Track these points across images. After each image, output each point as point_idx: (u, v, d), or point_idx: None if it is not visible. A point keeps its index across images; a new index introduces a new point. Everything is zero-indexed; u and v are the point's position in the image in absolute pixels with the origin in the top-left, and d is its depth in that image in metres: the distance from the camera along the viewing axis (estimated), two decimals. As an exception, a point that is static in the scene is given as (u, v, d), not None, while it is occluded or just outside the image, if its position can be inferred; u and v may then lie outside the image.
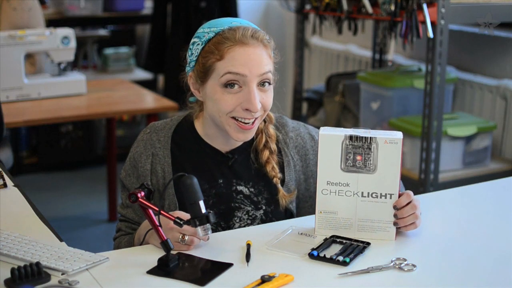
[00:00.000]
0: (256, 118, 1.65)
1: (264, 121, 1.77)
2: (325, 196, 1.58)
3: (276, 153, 1.76)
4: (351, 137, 1.55)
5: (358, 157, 1.55)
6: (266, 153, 1.74)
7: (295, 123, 1.84)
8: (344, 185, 1.57)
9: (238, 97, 1.61)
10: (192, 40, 1.68)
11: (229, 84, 1.61)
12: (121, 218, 1.79)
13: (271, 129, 1.78)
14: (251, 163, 1.75)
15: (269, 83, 1.65)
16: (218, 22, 1.67)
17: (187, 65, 1.71)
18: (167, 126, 1.77)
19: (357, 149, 1.55)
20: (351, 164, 1.55)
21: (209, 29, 1.65)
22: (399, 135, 1.55)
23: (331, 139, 1.55)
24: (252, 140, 1.75)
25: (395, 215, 1.56)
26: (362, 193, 1.56)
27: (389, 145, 1.54)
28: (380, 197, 1.56)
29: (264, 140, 1.75)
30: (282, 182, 1.76)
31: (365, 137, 1.54)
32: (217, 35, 1.63)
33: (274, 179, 1.74)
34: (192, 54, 1.68)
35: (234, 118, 1.63)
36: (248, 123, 1.64)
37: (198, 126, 1.76)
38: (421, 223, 1.59)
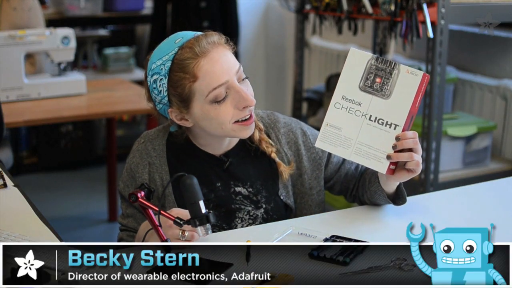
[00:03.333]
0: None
1: None
2: (337, 110, 1.60)
3: (264, 130, 1.78)
4: (377, 58, 1.59)
5: (378, 79, 1.58)
6: (256, 133, 1.76)
7: (287, 118, 1.85)
8: (357, 104, 1.59)
9: (231, 103, 1.62)
10: (152, 78, 1.63)
11: (217, 98, 1.61)
12: (122, 228, 1.78)
13: None
14: (248, 146, 1.76)
15: (246, 77, 1.67)
16: (163, 50, 1.63)
17: (157, 102, 1.66)
18: (160, 134, 1.77)
19: (379, 72, 1.58)
20: (369, 85, 1.59)
21: (161, 60, 1.62)
22: (422, 71, 1.59)
23: (359, 56, 1.60)
24: (242, 139, 1.76)
25: (393, 146, 1.57)
26: (370, 116, 1.59)
27: (410, 75, 1.57)
28: (385, 125, 1.58)
29: None
30: None
31: (390, 61, 1.58)
32: (174, 61, 1.60)
33: (272, 154, 1.76)
34: (160, 91, 1.63)
35: (236, 121, 1.64)
36: (248, 118, 1.65)
37: (189, 134, 1.76)
38: (421, 222, 1.58)
